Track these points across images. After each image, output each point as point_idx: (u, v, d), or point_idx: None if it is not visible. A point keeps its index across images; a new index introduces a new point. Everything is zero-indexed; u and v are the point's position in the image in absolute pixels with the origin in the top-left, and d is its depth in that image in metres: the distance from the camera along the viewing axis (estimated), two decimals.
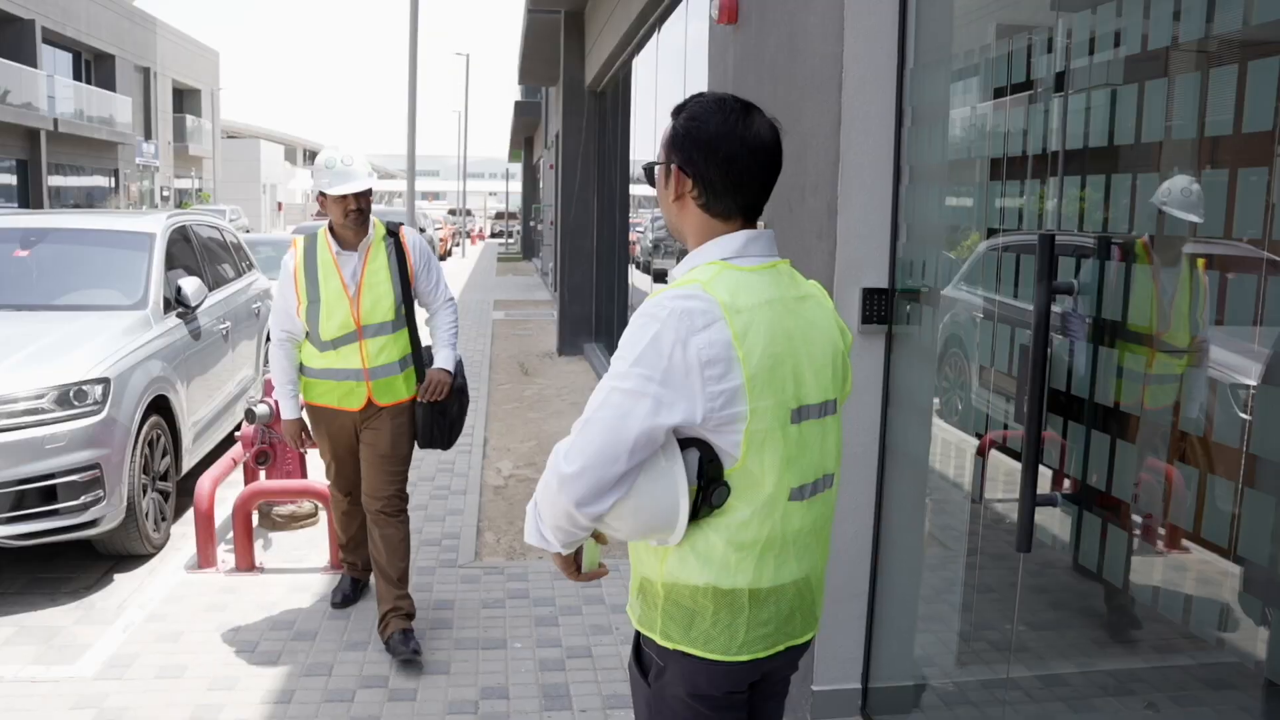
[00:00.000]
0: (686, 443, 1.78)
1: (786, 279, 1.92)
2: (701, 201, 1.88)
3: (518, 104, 28.83)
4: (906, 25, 3.18)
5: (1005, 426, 3.41)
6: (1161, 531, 2.52)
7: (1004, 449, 3.58)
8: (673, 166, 1.89)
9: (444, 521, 6.01)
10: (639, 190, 11.24)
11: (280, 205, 53.27)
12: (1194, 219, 2.05)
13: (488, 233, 56.35)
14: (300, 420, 4.38)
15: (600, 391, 1.78)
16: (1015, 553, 3.76)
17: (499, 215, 58.82)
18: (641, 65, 9.47)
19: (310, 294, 4.16)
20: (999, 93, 3.09)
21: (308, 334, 4.22)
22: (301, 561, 5.33)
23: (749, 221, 1.92)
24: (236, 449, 5.73)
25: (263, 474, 5.84)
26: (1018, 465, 3.48)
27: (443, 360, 4.35)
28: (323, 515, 5.81)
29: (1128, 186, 2.51)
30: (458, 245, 39.69)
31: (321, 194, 4.10)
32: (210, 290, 6.90)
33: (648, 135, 9.28)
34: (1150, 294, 2.29)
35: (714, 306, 1.75)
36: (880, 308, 3.35)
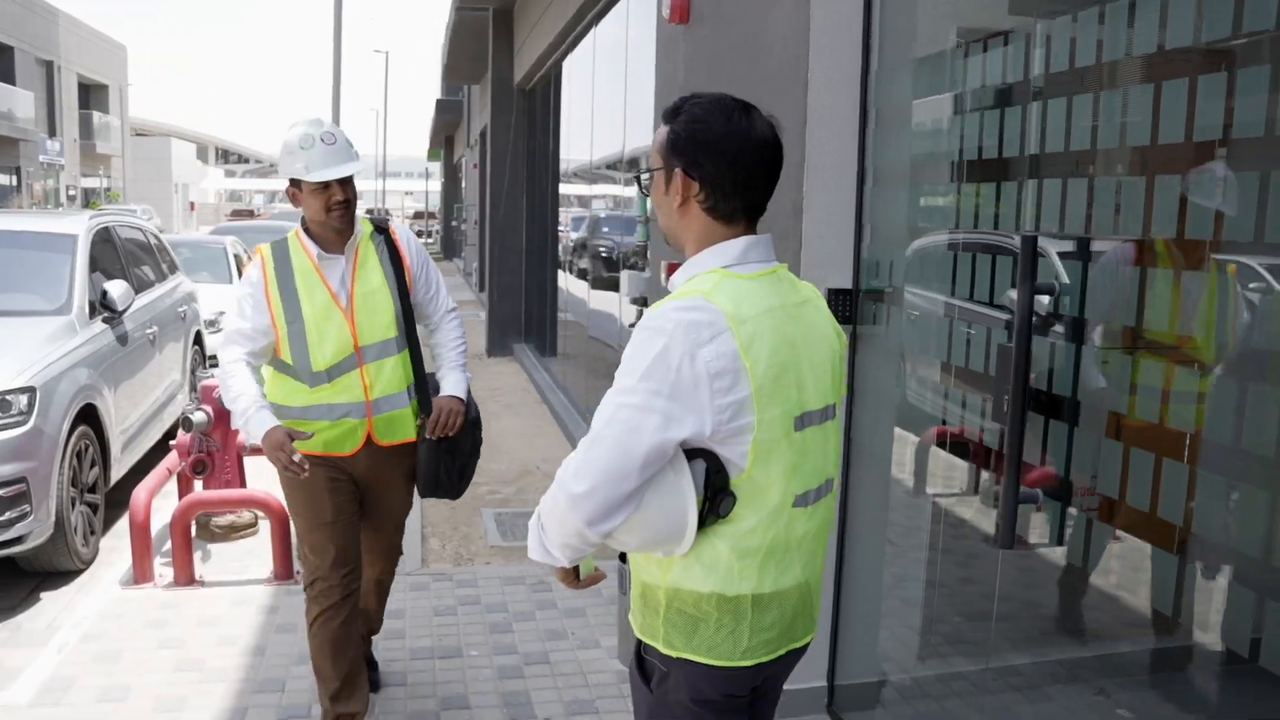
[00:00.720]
0: (692, 453, 1.75)
1: (786, 285, 1.90)
2: (708, 205, 1.84)
3: (439, 102, 28.50)
4: (871, 27, 3.19)
5: (943, 422, 3.45)
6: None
7: (943, 445, 3.64)
8: (676, 171, 1.85)
9: None
10: (570, 189, 11.18)
11: (193, 205, 51.95)
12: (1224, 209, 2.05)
13: None
14: (283, 427, 3.19)
15: (606, 407, 1.74)
16: (968, 547, 3.84)
17: (417, 215, 58.23)
18: (575, 64, 9.42)
19: (289, 315, 3.21)
20: (960, 95, 3.12)
21: (289, 367, 3.26)
22: (243, 573, 5.16)
23: (752, 223, 1.89)
24: (171, 458, 5.54)
25: (198, 484, 5.66)
26: (960, 461, 3.55)
27: (452, 386, 3.46)
28: (263, 525, 5.64)
29: (1084, 189, 2.59)
30: None
31: (294, 183, 3.18)
32: (136, 293, 6.67)
33: (581, 134, 9.23)
34: (1167, 294, 2.27)
35: (719, 317, 1.72)
36: (845, 308, 3.36)
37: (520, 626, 4.59)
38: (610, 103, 7.93)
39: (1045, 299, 3.13)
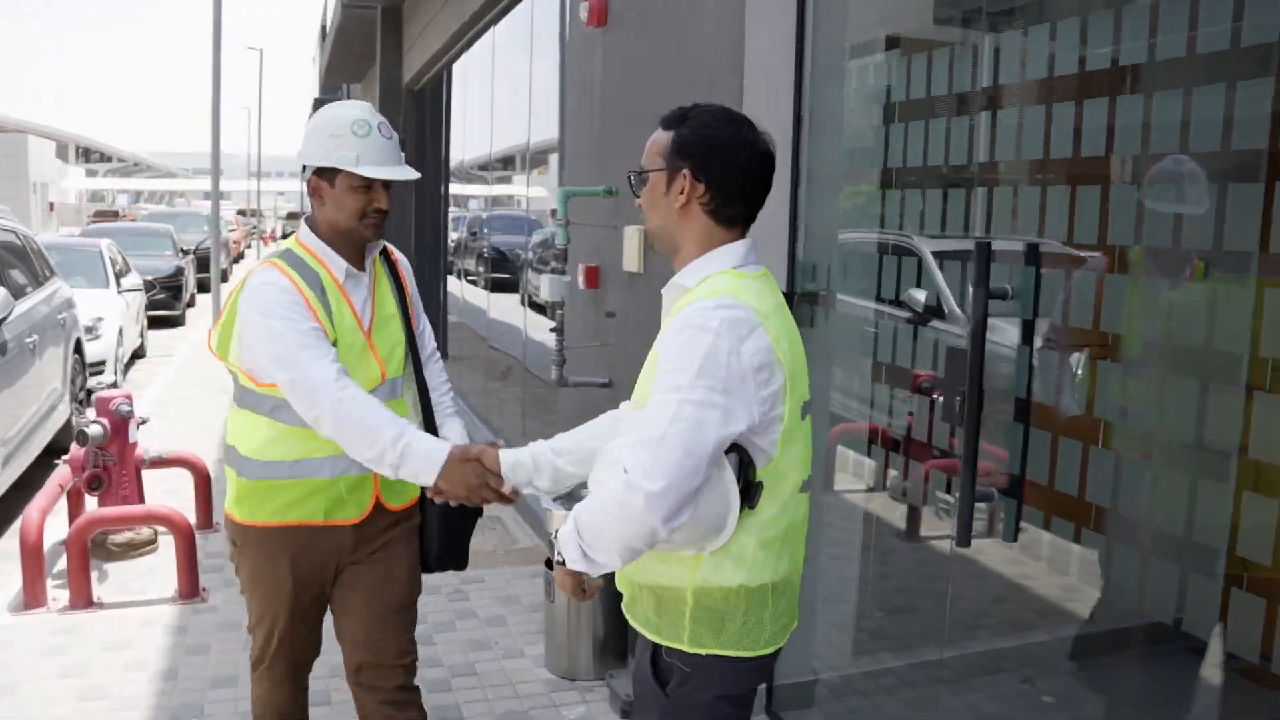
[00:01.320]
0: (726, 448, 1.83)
1: (774, 285, 2.00)
2: (711, 207, 1.93)
3: (317, 101, 27.78)
4: (804, 33, 3.21)
5: (845, 420, 3.52)
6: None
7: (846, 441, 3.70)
8: (684, 173, 1.91)
9: None
10: (460, 189, 11.04)
11: (52, 206, 49.47)
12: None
13: (279, 234, 54.34)
14: (464, 451, 2.40)
15: (666, 405, 1.77)
16: (884, 544, 3.92)
17: (291, 215, 56.82)
18: (470, 65, 9.29)
19: (333, 333, 2.56)
20: (890, 104, 3.19)
21: (286, 406, 2.51)
22: (145, 592, 4.92)
23: (747, 229, 1.99)
24: (63, 474, 5.25)
25: (92, 501, 5.38)
26: (864, 459, 3.62)
27: (455, 434, 2.83)
28: (163, 541, 5.40)
29: (1009, 195, 2.72)
30: (250, 247, 37.96)
31: (321, 174, 2.56)
32: (15, 300, 6.31)
33: (478, 135, 9.11)
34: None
35: (752, 314, 1.81)
36: None
37: (441, 638, 4.50)
38: (510, 102, 7.85)
39: (921, 295, 3.27)
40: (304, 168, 2.62)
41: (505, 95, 8.08)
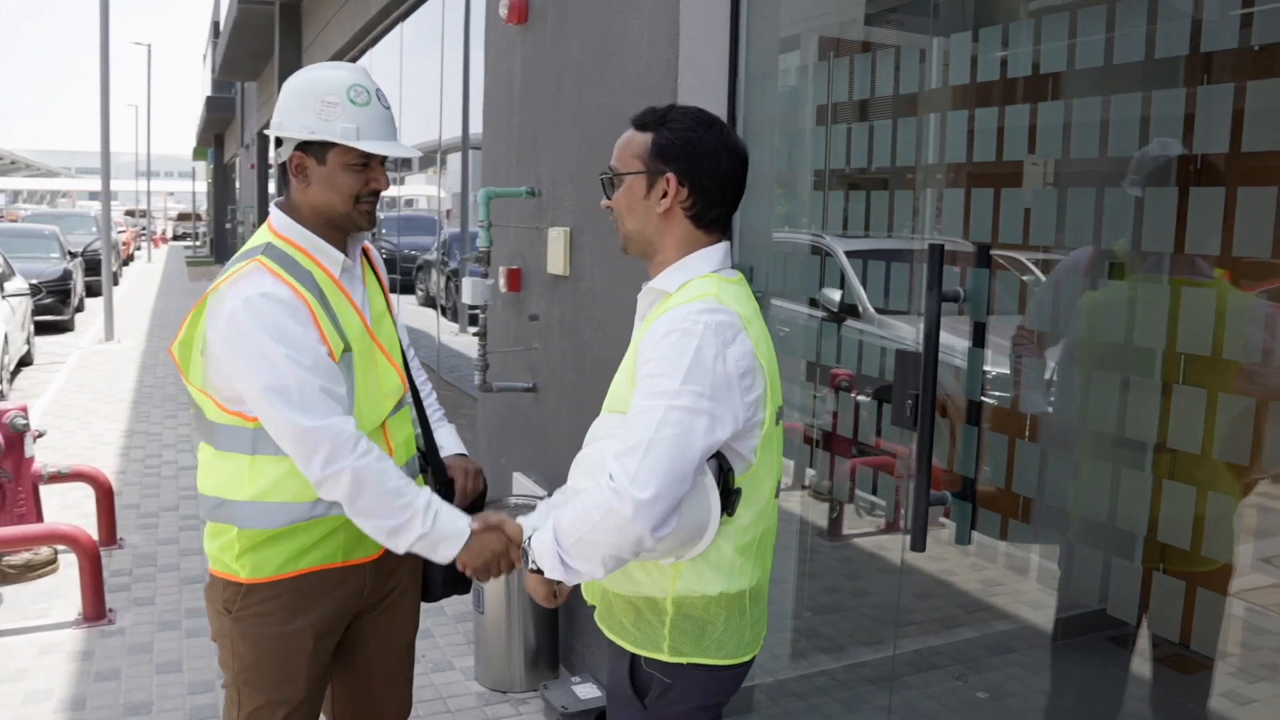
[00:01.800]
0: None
1: (749, 290, 1.97)
2: (694, 213, 1.90)
3: (210, 99, 27.04)
4: (739, 34, 3.19)
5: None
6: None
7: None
8: (668, 176, 1.87)
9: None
10: None
11: None
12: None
13: (170, 235, 52.74)
14: (484, 521, 2.20)
15: (652, 411, 1.74)
16: (813, 547, 3.93)
17: (182, 216, 55.28)
18: (377, 61, 9.09)
19: (342, 343, 2.21)
20: (822, 106, 3.18)
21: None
22: (46, 616, 4.67)
23: (725, 233, 1.96)
24: None
25: None
26: (787, 459, 3.61)
27: (453, 442, 2.58)
28: (64, 560, 5.14)
29: (932, 199, 2.76)
30: (139, 249, 36.69)
31: (306, 149, 2.18)
32: None
33: None
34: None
35: (735, 318, 1.79)
36: None
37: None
38: (420, 99, 7.70)
39: (835, 294, 3.31)
40: (277, 141, 2.23)
41: (412, 93, 7.92)
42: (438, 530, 2.12)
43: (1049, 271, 2.59)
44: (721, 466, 1.81)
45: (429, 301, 8.25)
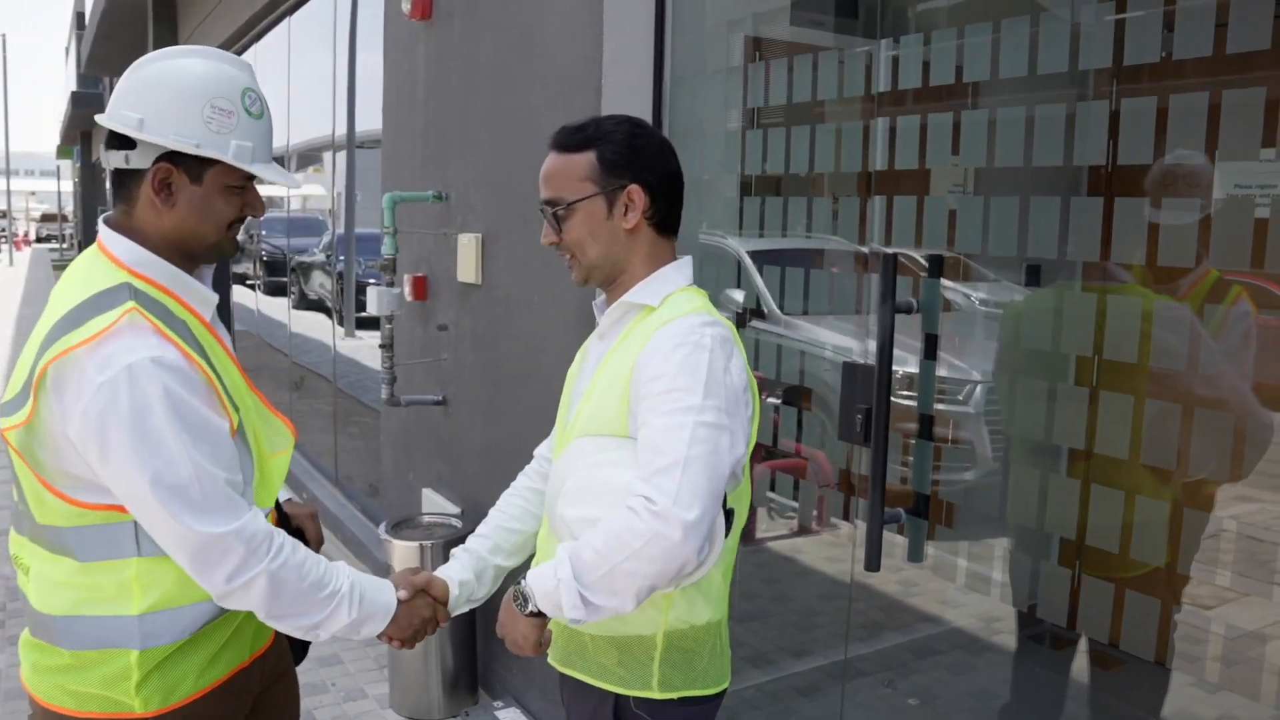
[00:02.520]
0: None
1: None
2: (657, 219, 1.83)
3: (75, 95, 25.80)
4: (664, 34, 3.08)
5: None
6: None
7: None
8: (630, 188, 1.77)
9: None
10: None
11: None
12: None
13: (34, 237, 50.37)
14: (409, 584, 1.95)
15: (680, 429, 1.62)
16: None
17: (46, 217, 52.87)
18: (263, 58, 8.72)
19: (237, 413, 1.81)
20: (749, 110, 3.11)
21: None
22: None
23: (676, 236, 1.90)
24: None
25: None
26: None
27: (285, 491, 2.17)
28: None
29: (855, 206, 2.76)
30: (1, 252, 34.90)
31: (179, 160, 1.74)
32: None
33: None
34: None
35: (730, 332, 1.75)
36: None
37: None
38: (306, 95, 7.42)
39: (738, 295, 3.28)
40: (118, 139, 1.74)
41: (301, 90, 7.62)
42: (364, 611, 1.81)
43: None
44: None
45: (306, 303, 8.01)
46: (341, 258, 6.92)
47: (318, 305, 7.90)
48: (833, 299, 3.90)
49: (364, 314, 6.69)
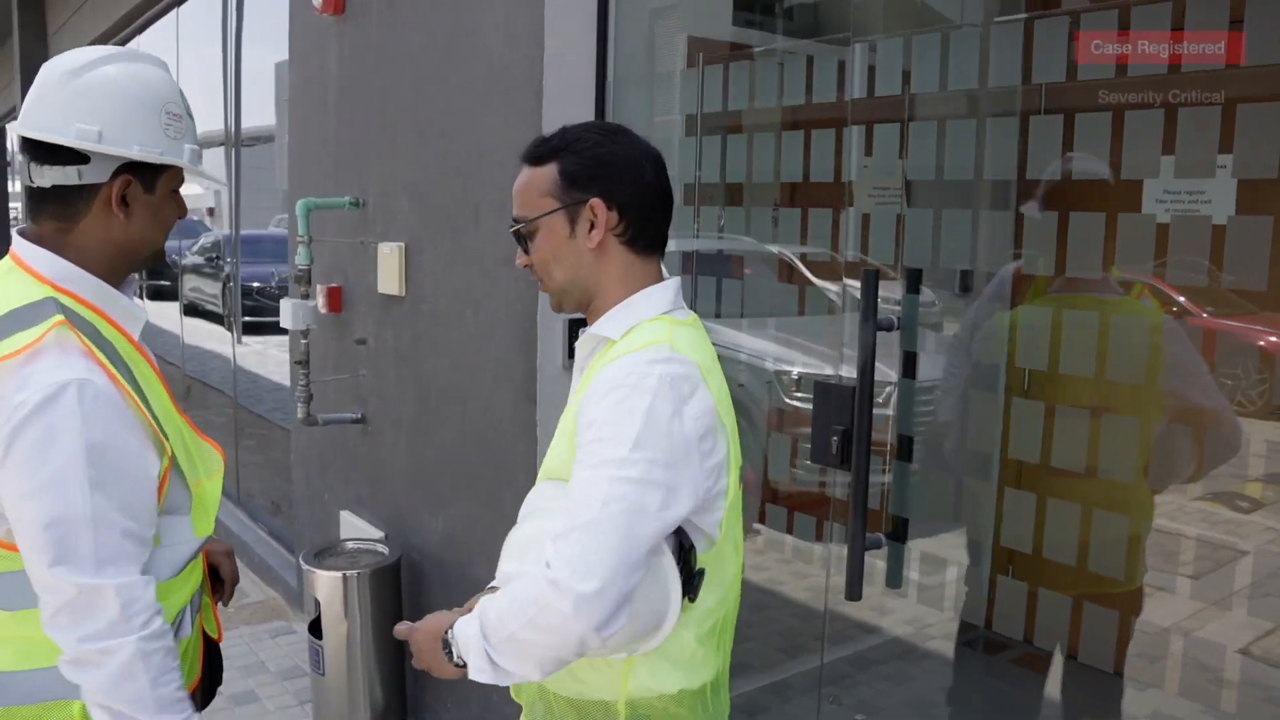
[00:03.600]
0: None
1: (705, 333, 1.68)
2: (628, 236, 1.62)
3: None
4: (607, 30, 2.92)
5: None
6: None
7: None
8: (592, 202, 1.59)
9: None
10: None
11: None
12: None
13: None
14: None
15: (596, 485, 1.44)
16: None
17: None
18: (148, 46, 8.25)
19: (169, 447, 1.66)
20: (691, 115, 2.99)
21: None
22: None
23: (663, 253, 1.69)
24: None
25: None
26: None
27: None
28: None
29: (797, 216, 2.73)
30: None
31: (137, 170, 1.67)
32: None
33: None
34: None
35: (694, 370, 1.52)
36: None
37: None
38: (194, 90, 7.03)
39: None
40: (56, 152, 1.60)
41: (193, 81, 7.22)
42: None
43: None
44: (682, 545, 1.53)
45: (191, 309, 7.68)
46: (229, 260, 6.62)
47: (192, 309, 7.64)
48: (746, 303, 3.86)
49: (250, 319, 6.44)
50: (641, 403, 1.46)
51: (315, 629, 3.59)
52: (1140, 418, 2.08)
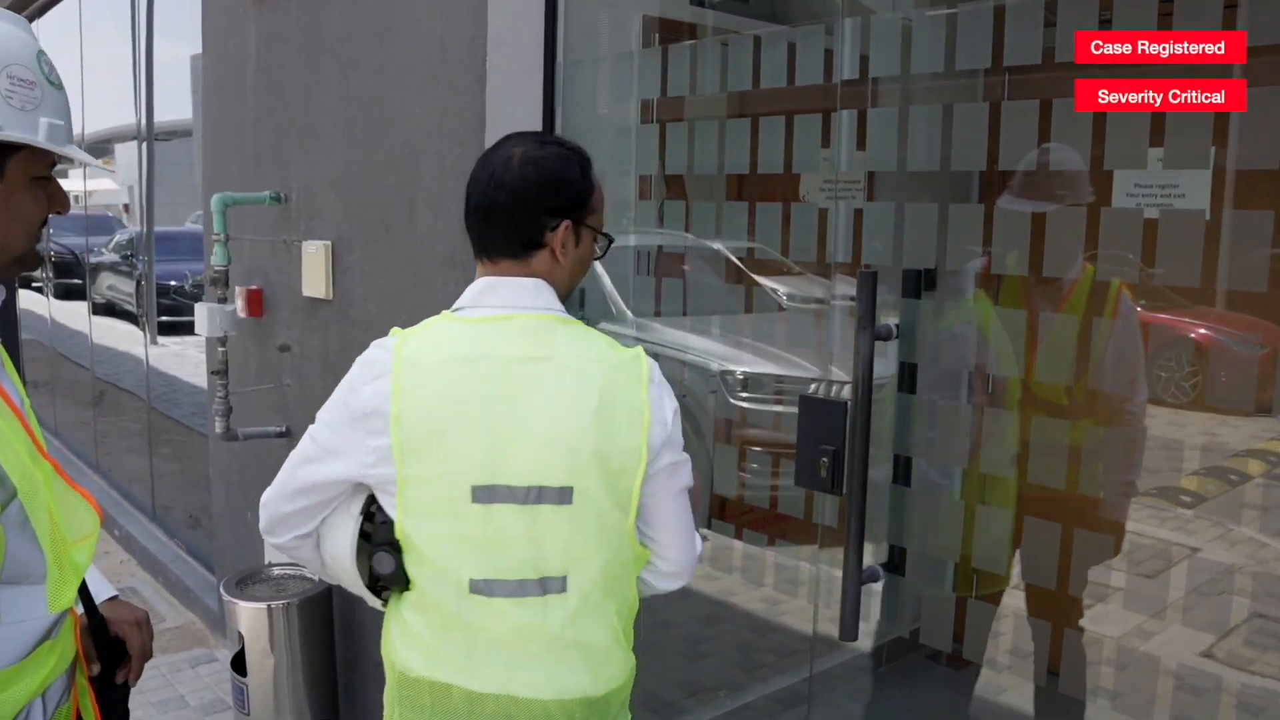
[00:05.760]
0: (372, 499, 1.68)
1: (518, 336, 1.62)
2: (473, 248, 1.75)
3: None
4: (556, 10, 2.66)
5: None
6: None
7: None
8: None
9: None
10: None
11: None
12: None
13: None
14: None
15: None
16: None
17: None
18: (47, 38, 7.77)
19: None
20: (646, 101, 2.77)
21: None
22: None
23: (492, 260, 1.68)
24: None
25: None
26: None
27: (101, 582, 1.75)
28: None
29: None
30: None
31: None
32: None
33: None
34: None
35: (389, 357, 1.60)
36: None
37: None
38: (98, 80, 6.67)
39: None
40: None
41: (93, 73, 6.83)
42: None
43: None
44: (372, 515, 1.67)
45: (107, 309, 7.30)
46: (144, 258, 6.26)
47: (107, 309, 7.29)
48: (688, 300, 3.71)
49: (168, 319, 6.12)
50: (345, 378, 1.65)
51: (239, 663, 3.28)
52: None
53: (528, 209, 1.62)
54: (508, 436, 1.57)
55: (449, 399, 1.58)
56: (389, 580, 1.66)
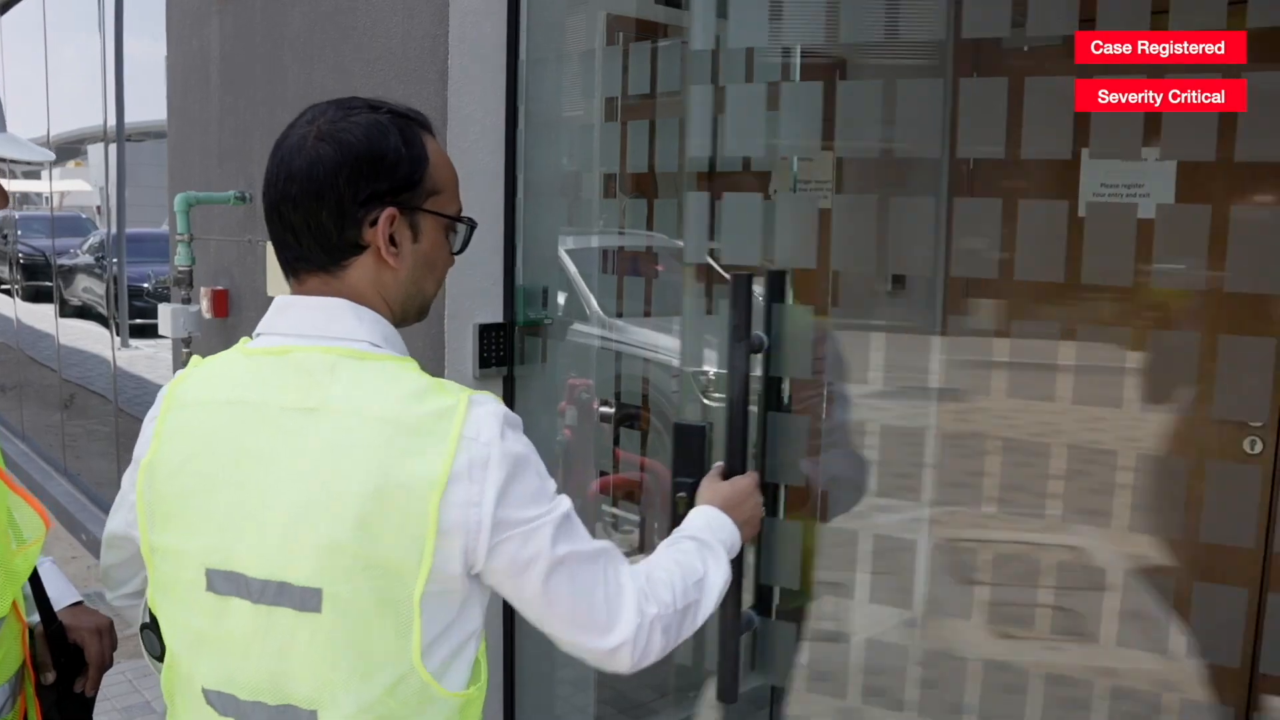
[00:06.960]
0: None
1: (292, 376, 1.25)
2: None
3: None
4: (519, 5, 2.64)
5: (602, 473, 3.11)
6: None
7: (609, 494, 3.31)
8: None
9: None
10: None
11: None
12: None
13: None
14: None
15: None
16: None
17: None
18: (9, 34, 7.70)
19: None
20: (610, 97, 2.75)
21: None
22: None
23: (297, 278, 1.31)
24: None
25: None
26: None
27: (63, 587, 1.71)
28: None
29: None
30: None
31: None
32: None
33: (26, 120, 7.57)
34: None
35: (163, 396, 1.33)
36: (498, 347, 2.81)
37: None
38: (68, 80, 6.60)
39: (561, 297, 3.02)
40: None
41: (58, 74, 6.75)
42: None
43: None
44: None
45: (68, 310, 7.26)
46: (114, 260, 6.21)
47: (82, 312, 7.21)
48: (654, 300, 3.68)
49: (140, 321, 6.08)
50: None
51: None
52: None
53: (328, 202, 1.22)
54: (253, 509, 1.21)
55: (204, 453, 1.25)
56: (160, 665, 1.37)
